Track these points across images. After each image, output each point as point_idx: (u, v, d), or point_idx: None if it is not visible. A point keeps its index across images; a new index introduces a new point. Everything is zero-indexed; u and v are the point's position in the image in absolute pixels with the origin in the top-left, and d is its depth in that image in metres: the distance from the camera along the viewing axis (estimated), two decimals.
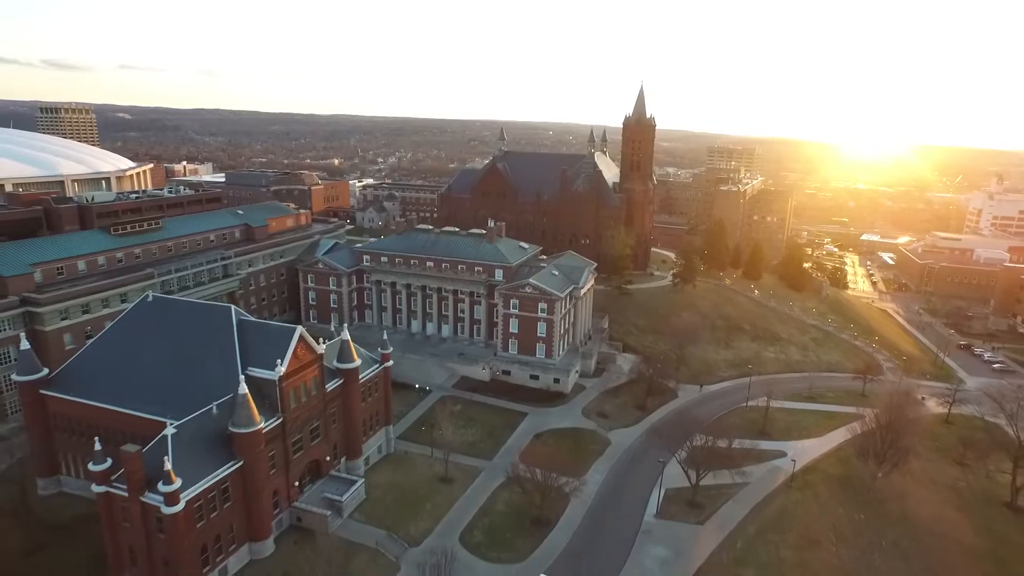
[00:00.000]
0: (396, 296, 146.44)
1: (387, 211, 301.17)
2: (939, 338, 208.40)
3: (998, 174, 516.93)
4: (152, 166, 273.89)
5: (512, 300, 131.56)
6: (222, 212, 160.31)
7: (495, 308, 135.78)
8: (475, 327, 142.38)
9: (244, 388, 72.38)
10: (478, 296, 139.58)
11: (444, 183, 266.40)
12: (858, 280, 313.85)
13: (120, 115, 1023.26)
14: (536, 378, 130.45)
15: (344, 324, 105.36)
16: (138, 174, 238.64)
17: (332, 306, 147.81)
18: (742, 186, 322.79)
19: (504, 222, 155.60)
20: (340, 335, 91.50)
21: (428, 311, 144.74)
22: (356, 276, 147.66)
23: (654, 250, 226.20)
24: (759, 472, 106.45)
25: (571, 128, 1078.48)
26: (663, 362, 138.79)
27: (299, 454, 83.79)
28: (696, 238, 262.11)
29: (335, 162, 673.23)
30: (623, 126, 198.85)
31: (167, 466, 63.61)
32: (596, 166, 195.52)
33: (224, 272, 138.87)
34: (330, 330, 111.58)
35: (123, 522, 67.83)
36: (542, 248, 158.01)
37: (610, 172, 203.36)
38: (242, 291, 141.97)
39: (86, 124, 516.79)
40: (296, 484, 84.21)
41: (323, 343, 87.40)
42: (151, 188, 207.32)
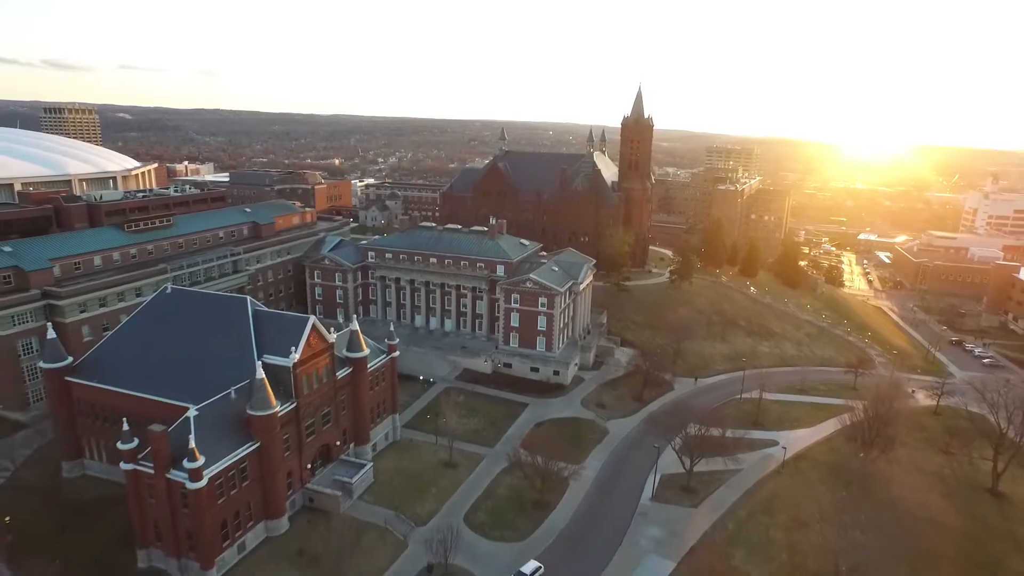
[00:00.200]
0: (400, 291, 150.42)
1: (389, 210, 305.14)
2: (932, 334, 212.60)
3: (993, 174, 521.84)
4: (156, 166, 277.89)
5: (513, 295, 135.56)
6: (230, 210, 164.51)
7: (496, 303, 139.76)
8: (477, 321, 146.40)
9: (261, 373, 76.61)
10: (480, 291, 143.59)
11: (444, 183, 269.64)
12: (854, 278, 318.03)
13: (120, 115, 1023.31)
14: (536, 370, 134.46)
15: (356, 314, 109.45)
16: (143, 173, 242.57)
17: (338, 301, 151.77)
18: (740, 186, 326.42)
19: (505, 220, 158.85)
20: (350, 326, 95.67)
21: (431, 306, 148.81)
22: (361, 272, 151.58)
23: (653, 248, 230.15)
24: (751, 459, 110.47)
25: (571, 128, 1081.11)
26: (660, 356, 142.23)
27: (311, 438, 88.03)
28: (694, 236, 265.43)
29: (335, 162, 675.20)
30: (622, 126, 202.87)
31: (191, 444, 67.80)
32: (595, 165, 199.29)
33: (234, 268, 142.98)
34: (339, 323, 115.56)
35: (149, 498, 72.14)
36: (542, 245, 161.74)
37: (609, 171, 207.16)
38: (250, 287, 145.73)
39: (89, 124, 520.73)
40: (308, 467, 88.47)
41: (333, 332, 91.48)
42: (156, 187, 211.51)
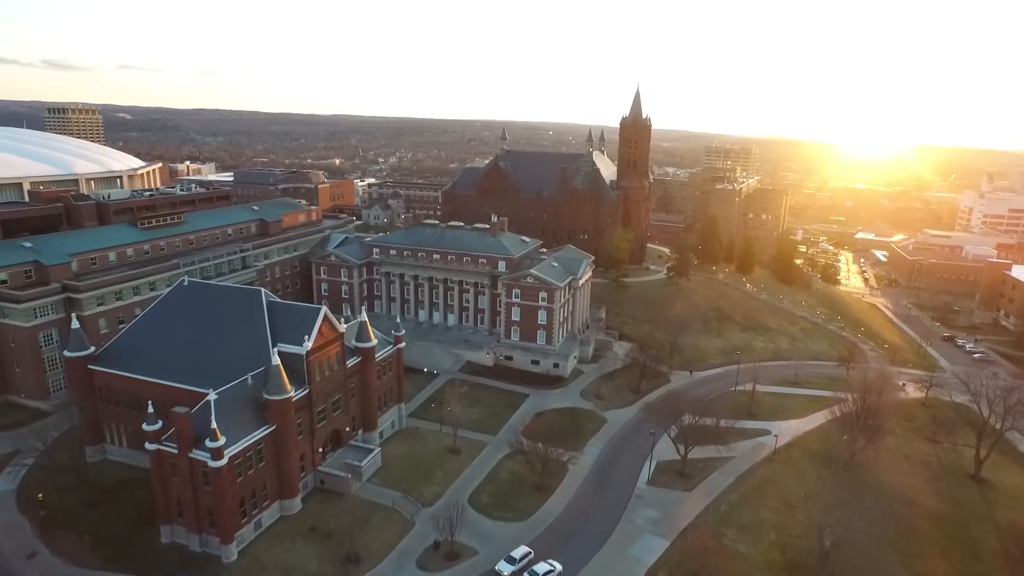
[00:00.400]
0: (404, 287, 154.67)
1: (392, 208, 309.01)
2: (924, 330, 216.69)
3: (989, 174, 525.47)
4: (160, 165, 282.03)
5: (514, 290, 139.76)
6: (239, 208, 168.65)
7: (498, 297, 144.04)
8: (479, 316, 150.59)
9: (277, 359, 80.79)
10: (482, 286, 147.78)
11: (445, 183, 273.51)
12: (851, 276, 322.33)
13: (120, 115, 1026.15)
14: (537, 363, 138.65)
15: (363, 307, 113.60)
16: (148, 173, 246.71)
17: (344, 296, 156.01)
18: (737, 185, 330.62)
19: (506, 218, 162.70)
20: (359, 317, 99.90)
21: (435, 301, 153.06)
22: (366, 268, 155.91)
23: (651, 246, 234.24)
24: (744, 447, 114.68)
25: (571, 128, 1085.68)
26: (657, 349, 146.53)
27: (323, 423, 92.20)
28: (691, 235, 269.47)
29: (336, 162, 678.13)
30: (620, 126, 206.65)
31: (213, 424, 71.96)
32: (594, 165, 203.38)
33: (243, 264, 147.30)
34: (345, 318, 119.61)
35: (172, 477, 76.31)
36: (542, 243, 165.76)
37: (608, 170, 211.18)
38: (259, 282, 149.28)
39: (92, 124, 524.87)
40: (320, 450, 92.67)
41: (343, 322, 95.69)
42: (162, 186, 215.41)
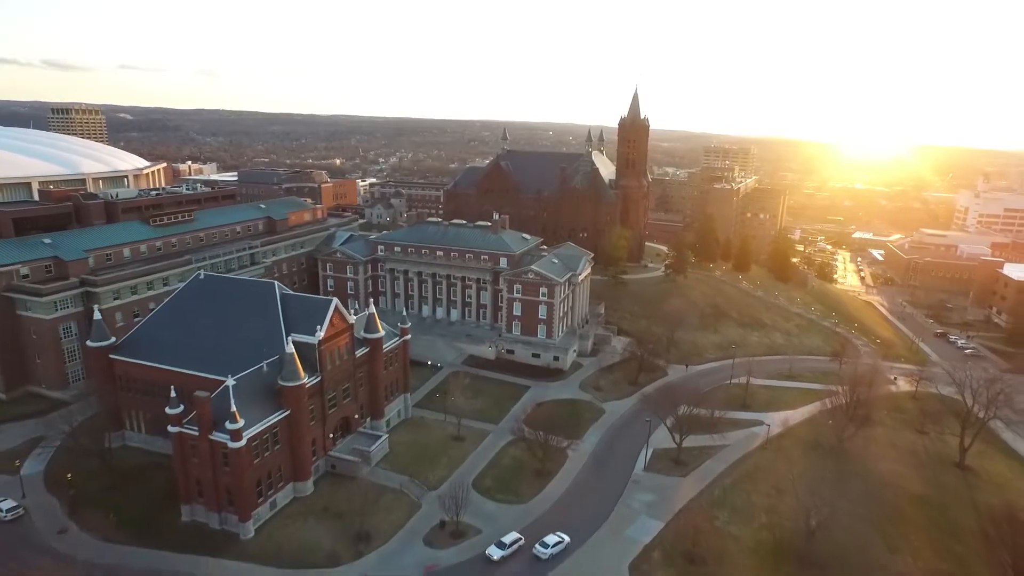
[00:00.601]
0: (408, 283, 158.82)
1: (394, 207, 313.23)
2: (918, 327, 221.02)
3: (986, 174, 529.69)
4: (164, 165, 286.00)
5: (515, 285, 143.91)
6: (246, 206, 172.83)
7: (500, 293, 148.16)
8: (481, 311, 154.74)
9: (291, 348, 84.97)
10: (484, 282, 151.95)
11: (446, 182, 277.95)
12: (847, 275, 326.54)
13: (121, 115, 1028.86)
14: (537, 356, 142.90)
15: (371, 301, 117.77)
16: (153, 172, 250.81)
17: (349, 293, 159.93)
18: (735, 185, 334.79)
19: (507, 216, 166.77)
20: (367, 309, 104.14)
21: (438, 296, 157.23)
22: (371, 265, 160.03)
23: (650, 245, 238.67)
24: (738, 437, 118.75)
25: (570, 128, 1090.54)
26: (654, 344, 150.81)
27: (333, 410, 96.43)
28: (689, 233, 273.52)
29: (336, 162, 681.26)
30: (619, 126, 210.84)
31: (232, 407, 76.07)
32: (594, 164, 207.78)
33: (251, 260, 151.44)
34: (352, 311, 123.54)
35: (192, 458, 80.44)
36: (543, 240, 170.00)
37: (607, 170, 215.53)
38: (267, 278, 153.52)
39: (95, 125, 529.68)
40: (331, 436, 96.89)
41: (353, 313, 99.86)
42: (167, 186, 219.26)
